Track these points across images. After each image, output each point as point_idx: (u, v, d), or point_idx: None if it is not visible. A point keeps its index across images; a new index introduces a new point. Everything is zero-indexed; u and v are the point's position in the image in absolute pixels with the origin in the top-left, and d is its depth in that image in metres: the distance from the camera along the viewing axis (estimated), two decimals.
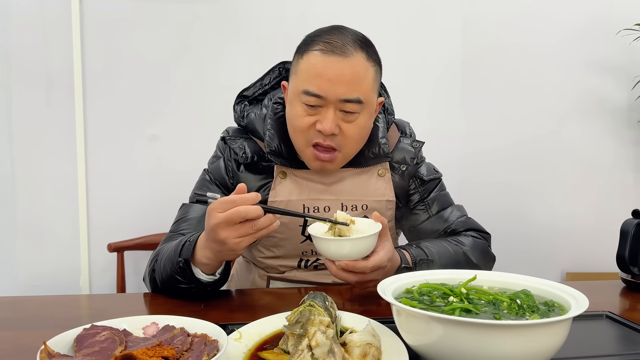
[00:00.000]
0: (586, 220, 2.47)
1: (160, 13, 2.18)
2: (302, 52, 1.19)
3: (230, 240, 0.98)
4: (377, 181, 1.32)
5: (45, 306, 1.13)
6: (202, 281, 1.09)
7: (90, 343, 0.76)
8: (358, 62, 1.16)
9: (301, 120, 1.19)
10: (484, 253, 1.33)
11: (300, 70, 1.18)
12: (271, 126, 1.29)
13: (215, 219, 0.97)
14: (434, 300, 0.84)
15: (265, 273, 1.37)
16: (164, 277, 1.14)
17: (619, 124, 2.47)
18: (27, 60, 2.13)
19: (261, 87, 1.38)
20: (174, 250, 1.12)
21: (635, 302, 1.16)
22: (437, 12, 2.35)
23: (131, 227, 2.16)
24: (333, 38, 1.16)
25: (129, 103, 2.20)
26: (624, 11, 2.36)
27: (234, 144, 1.32)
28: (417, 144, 1.38)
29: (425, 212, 1.38)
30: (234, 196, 0.97)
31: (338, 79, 1.14)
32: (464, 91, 2.39)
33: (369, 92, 1.19)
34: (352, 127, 1.19)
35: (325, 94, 1.15)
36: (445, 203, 1.39)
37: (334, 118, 1.16)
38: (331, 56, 1.14)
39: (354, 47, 1.15)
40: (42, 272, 2.19)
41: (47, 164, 2.16)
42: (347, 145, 1.21)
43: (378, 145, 1.31)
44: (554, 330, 0.72)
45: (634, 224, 1.25)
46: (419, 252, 1.20)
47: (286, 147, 1.28)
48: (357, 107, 1.17)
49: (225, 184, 1.33)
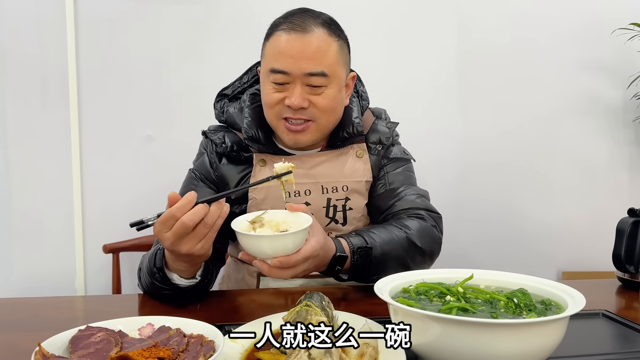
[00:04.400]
0: (582, 220, 2.47)
1: (154, 15, 2.18)
2: (268, 36, 1.26)
3: (193, 249, 0.97)
4: (355, 162, 1.34)
5: (40, 308, 1.13)
6: (181, 287, 1.09)
7: (85, 344, 0.75)
8: (319, 37, 1.21)
9: (270, 97, 1.24)
10: (429, 235, 1.27)
11: (267, 52, 1.25)
12: (248, 114, 1.33)
13: (167, 240, 0.96)
14: (431, 299, 0.84)
15: (255, 270, 1.36)
16: (147, 284, 1.15)
17: (613, 123, 2.48)
18: (22, 61, 2.11)
19: (240, 85, 1.43)
20: (149, 259, 1.13)
21: (632, 301, 1.17)
22: (431, 12, 2.34)
23: (126, 229, 2.11)
24: (296, 18, 1.22)
25: (124, 104, 2.19)
26: (618, 11, 2.37)
27: (214, 136, 1.36)
28: (391, 125, 1.41)
29: (382, 187, 1.36)
30: (171, 210, 0.94)
31: (301, 55, 1.19)
32: (459, 92, 2.39)
33: (333, 65, 1.22)
34: (321, 98, 1.23)
35: (290, 69, 1.20)
36: (404, 181, 1.37)
37: (300, 92, 1.21)
38: (292, 34, 1.20)
39: (314, 24, 1.21)
40: (37, 273, 2.17)
41: (42, 165, 2.15)
42: (320, 117, 1.25)
43: (352, 125, 1.33)
44: (551, 328, 0.72)
45: (629, 222, 1.25)
46: (358, 240, 1.16)
47: (264, 134, 1.31)
48: (323, 80, 1.22)
49: (210, 178, 1.35)
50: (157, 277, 1.09)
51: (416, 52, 2.34)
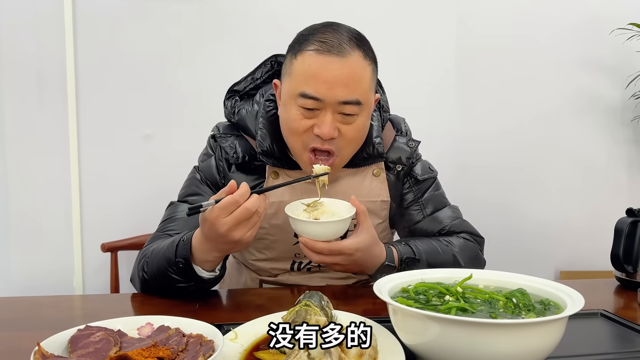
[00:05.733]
0: (580, 219, 2.47)
1: (153, 12, 2.17)
2: (295, 52, 1.14)
3: (245, 236, 1.00)
4: (371, 181, 1.30)
5: (38, 307, 1.12)
6: (204, 279, 1.09)
7: (84, 344, 0.75)
8: (355, 61, 1.11)
9: (298, 123, 1.14)
10: (474, 257, 1.30)
11: (295, 72, 1.13)
12: (263, 125, 1.25)
13: (225, 225, 0.97)
14: (430, 299, 0.84)
15: (257, 276, 1.36)
16: (158, 277, 1.12)
17: (612, 122, 2.48)
18: (19, 59, 2.11)
19: (252, 81, 1.33)
20: (167, 250, 1.10)
21: (630, 301, 1.17)
22: (430, 10, 2.34)
23: (125, 227, 2.14)
24: (328, 36, 1.11)
25: (122, 102, 2.18)
26: (617, 10, 2.37)
27: (225, 143, 1.29)
28: (412, 144, 1.35)
29: (419, 213, 1.35)
30: (234, 196, 0.97)
31: (336, 81, 1.09)
32: (458, 90, 2.39)
33: (367, 92, 1.15)
34: (351, 129, 1.15)
35: (323, 96, 1.10)
36: (439, 204, 1.37)
37: (332, 121, 1.12)
38: (327, 56, 1.09)
39: (350, 46, 1.11)
40: (35, 272, 2.17)
41: (40, 163, 2.15)
42: (345, 148, 1.17)
43: (372, 145, 1.27)
44: (550, 328, 0.72)
45: (628, 222, 1.25)
46: (407, 250, 1.19)
47: (278, 148, 1.24)
48: (356, 109, 1.13)
49: (216, 183, 1.30)
50: (178, 268, 1.07)
51: (415, 49, 2.35)
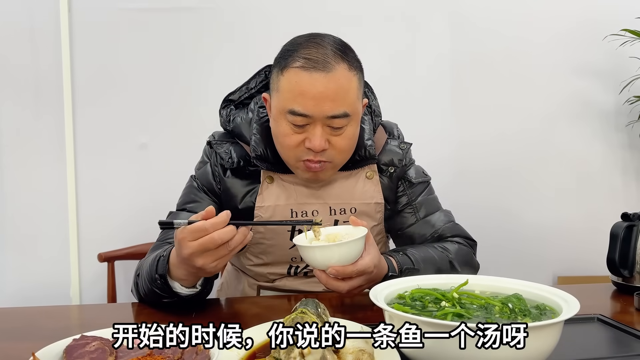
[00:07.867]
0: (576, 224, 2.47)
1: (148, 22, 2.18)
2: (281, 68, 1.16)
3: (208, 265, 0.97)
4: (365, 184, 1.31)
5: (34, 317, 1.12)
6: (181, 295, 1.08)
7: (79, 354, 0.75)
8: (341, 74, 1.13)
9: (289, 138, 1.16)
10: (469, 261, 1.32)
11: (282, 88, 1.15)
12: (257, 131, 1.27)
13: (189, 249, 0.95)
14: (426, 305, 0.84)
15: (255, 282, 1.36)
16: (146, 291, 1.13)
17: (606, 127, 2.49)
18: (16, 68, 2.12)
19: (247, 91, 1.36)
20: (150, 265, 1.11)
21: (626, 305, 1.17)
22: (425, 15, 2.36)
23: (122, 237, 2.14)
24: (311, 52, 1.13)
25: (119, 112, 2.18)
26: (610, 16, 2.38)
27: (220, 149, 1.31)
28: (404, 146, 1.37)
29: (412, 216, 1.36)
30: (205, 223, 0.94)
31: (323, 96, 1.11)
32: (453, 94, 2.40)
33: (354, 103, 1.17)
34: (341, 139, 1.17)
35: (312, 112, 1.12)
36: (432, 207, 1.38)
37: (322, 134, 1.14)
38: (313, 73, 1.11)
39: (334, 60, 1.12)
40: (31, 282, 2.16)
41: (36, 173, 2.15)
42: (337, 157, 1.20)
43: (364, 148, 1.29)
44: (546, 333, 0.72)
45: (623, 226, 1.26)
46: (405, 260, 1.20)
47: (272, 152, 1.26)
48: (344, 121, 1.15)
49: (212, 190, 1.32)
50: (158, 284, 1.07)
51: (409, 54, 2.35)
